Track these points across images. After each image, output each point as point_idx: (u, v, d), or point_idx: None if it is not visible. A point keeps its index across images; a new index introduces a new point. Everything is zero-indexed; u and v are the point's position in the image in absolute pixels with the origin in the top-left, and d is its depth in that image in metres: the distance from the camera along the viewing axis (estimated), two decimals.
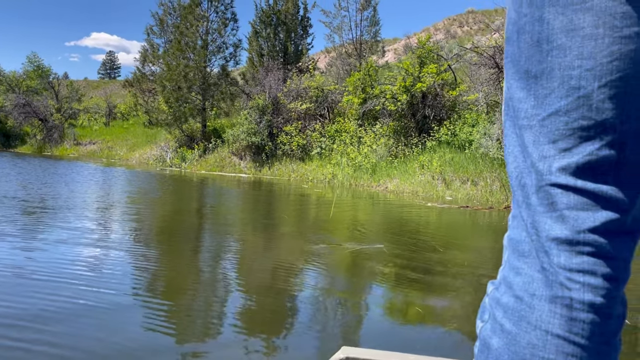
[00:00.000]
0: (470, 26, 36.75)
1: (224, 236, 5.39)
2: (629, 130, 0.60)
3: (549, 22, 0.62)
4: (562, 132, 0.62)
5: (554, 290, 0.62)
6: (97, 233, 5.08)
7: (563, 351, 0.61)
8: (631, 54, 0.59)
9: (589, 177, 0.61)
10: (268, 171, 17.31)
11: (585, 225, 0.61)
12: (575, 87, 0.61)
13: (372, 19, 21.87)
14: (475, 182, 11.47)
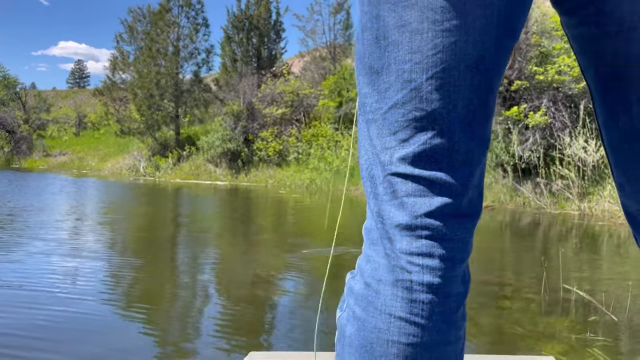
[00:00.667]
0: None
1: (200, 245, 5.19)
2: (457, 119, 0.63)
3: (384, 19, 0.65)
4: (400, 124, 0.64)
5: (395, 274, 0.64)
6: (72, 244, 4.87)
7: (405, 332, 0.63)
8: (452, 46, 0.61)
9: (424, 165, 0.63)
10: (245, 178, 17.06)
11: (422, 210, 0.63)
12: (408, 80, 0.63)
13: (345, 22, 21.85)
14: None
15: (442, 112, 0.63)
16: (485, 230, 6.72)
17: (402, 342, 0.64)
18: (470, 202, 0.66)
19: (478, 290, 3.30)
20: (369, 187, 0.69)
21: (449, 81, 0.62)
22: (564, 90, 9.98)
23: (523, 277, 3.69)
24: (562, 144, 9.25)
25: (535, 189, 9.69)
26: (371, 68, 0.67)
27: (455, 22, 0.61)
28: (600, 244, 5.57)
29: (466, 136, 0.64)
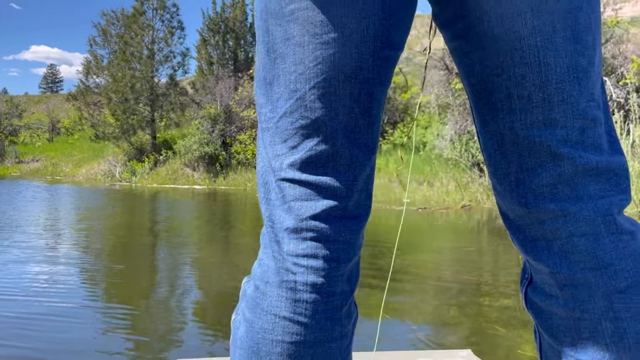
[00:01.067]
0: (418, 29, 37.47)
1: (178, 250, 5.12)
2: (339, 126, 0.67)
3: (272, 33, 0.69)
4: (289, 132, 0.68)
5: (281, 276, 0.67)
6: (48, 252, 4.76)
7: (289, 331, 0.66)
8: (331, 58, 0.66)
9: (311, 170, 0.67)
10: (223, 181, 16.94)
11: (307, 213, 0.67)
12: (294, 90, 0.67)
13: None
14: (431, 183, 11.55)
15: (325, 119, 0.67)
16: (464, 230, 6.79)
17: (285, 341, 0.67)
18: (357, 204, 0.70)
19: (458, 289, 3.33)
20: (262, 193, 0.73)
21: (329, 90, 0.66)
22: None
23: (502, 276, 3.73)
24: None
25: None
26: (265, 79, 0.71)
27: (333, 35, 0.65)
28: None
29: (349, 142, 0.68)
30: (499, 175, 0.72)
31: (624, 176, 0.70)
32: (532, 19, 0.65)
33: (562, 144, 0.67)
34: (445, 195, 10.78)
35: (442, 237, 6.15)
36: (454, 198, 10.45)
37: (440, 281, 3.65)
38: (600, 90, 0.70)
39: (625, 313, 0.66)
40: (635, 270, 0.67)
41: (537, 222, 0.70)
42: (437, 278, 3.76)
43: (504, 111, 0.69)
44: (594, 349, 0.67)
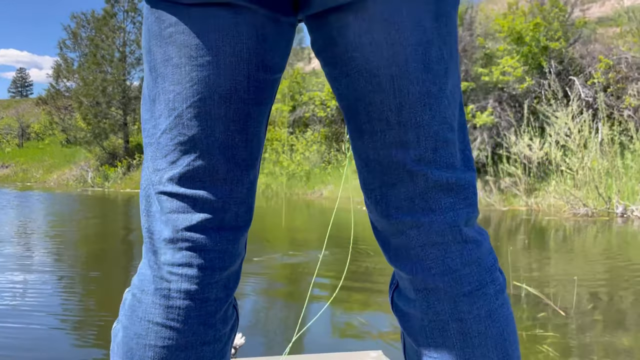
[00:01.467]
0: None
1: None
2: (215, 143, 0.72)
3: (154, 53, 0.74)
4: (169, 148, 0.72)
5: (156, 284, 0.71)
6: (21, 259, 4.63)
7: (161, 336, 0.70)
8: (206, 79, 0.71)
9: (188, 184, 0.72)
10: None
11: (183, 224, 0.71)
12: (172, 108, 0.72)
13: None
14: None
15: (202, 137, 0.72)
16: None
17: (158, 345, 0.71)
18: (236, 216, 0.75)
19: None
20: (144, 205, 0.77)
21: (205, 110, 0.71)
22: (509, 90, 10.33)
23: None
24: (508, 143, 9.56)
25: (485, 187, 9.97)
26: (149, 97, 0.75)
27: (208, 58, 0.71)
28: (547, 238, 5.78)
29: (225, 158, 0.73)
30: (367, 190, 0.78)
31: (473, 192, 0.77)
32: (388, 50, 0.71)
33: (416, 162, 0.73)
34: None
35: None
36: None
37: None
38: (455, 113, 0.76)
39: (469, 315, 0.73)
40: (479, 275, 0.74)
41: (397, 232, 0.76)
42: None
43: (367, 132, 0.75)
44: (444, 348, 0.73)
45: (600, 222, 6.90)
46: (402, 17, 0.71)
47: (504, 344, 0.73)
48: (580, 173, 8.17)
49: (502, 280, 0.78)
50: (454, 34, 0.77)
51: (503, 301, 0.76)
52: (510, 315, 0.76)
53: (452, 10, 0.76)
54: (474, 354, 0.72)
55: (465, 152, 0.78)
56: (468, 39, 10.86)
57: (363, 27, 0.71)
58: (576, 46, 10.91)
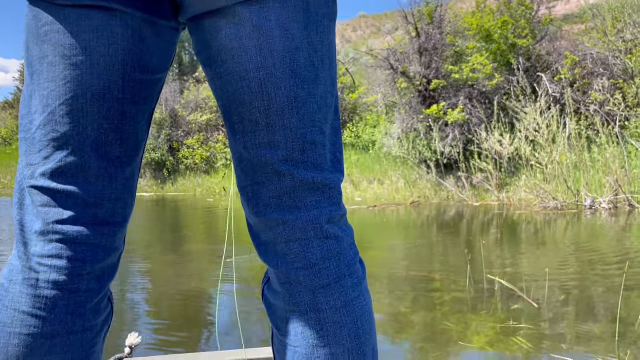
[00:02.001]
0: (363, 30, 37.88)
1: (127, 259, 4.95)
2: (88, 141, 0.74)
3: (31, 50, 0.76)
4: (43, 143, 0.74)
5: (24, 274, 0.74)
6: None
7: (27, 324, 0.72)
8: (79, 78, 0.73)
9: (60, 179, 0.74)
10: (172, 188, 16.57)
11: (54, 218, 0.74)
12: (46, 105, 0.74)
13: None
14: (381, 181, 11.71)
15: (73, 134, 0.74)
16: (413, 226, 6.92)
17: (23, 333, 0.73)
18: (112, 212, 0.78)
19: (408, 286, 3.37)
20: (17, 198, 0.79)
21: (77, 107, 0.74)
22: (479, 87, 10.48)
23: (450, 271, 3.82)
24: (479, 139, 9.70)
25: (458, 183, 10.10)
26: (27, 92, 0.77)
27: (82, 57, 0.73)
28: (519, 232, 5.89)
29: (98, 155, 0.76)
30: (241, 188, 0.83)
31: (338, 192, 0.82)
32: (256, 55, 0.75)
33: (283, 162, 0.77)
34: (396, 193, 10.95)
35: (393, 234, 6.24)
36: (404, 195, 10.63)
37: (392, 277, 3.69)
38: (328, 118, 0.81)
39: (326, 305, 0.78)
40: (338, 269, 0.79)
41: (266, 228, 0.81)
42: (389, 275, 3.80)
43: (239, 132, 0.79)
44: (304, 337, 0.78)
45: (570, 215, 7.06)
46: (270, 25, 0.74)
47: (358, 332, 0.78)
48: (550, 167, 8.35)
49: (361, 273, 0.84)
50: (327, 42, 0.80)
51: (360, 293, 0.81)
52: (367, 306, 0.82)
53: (325, 20, 0.79)
54: (329, 342, 0.77)
55: (337, 154, 0.83)
56: (438, 37, 10.98)
57: (233, 32, 0.75)
58: (543, 43, 11.14)
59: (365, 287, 0.84)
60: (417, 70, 10.87)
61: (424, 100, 10.96)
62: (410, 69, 11.02)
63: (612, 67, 9.71)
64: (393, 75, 11.40)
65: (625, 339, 2.21)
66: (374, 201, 10.35)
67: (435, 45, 10.92)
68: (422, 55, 10.98)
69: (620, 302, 2.65)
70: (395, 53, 11.37)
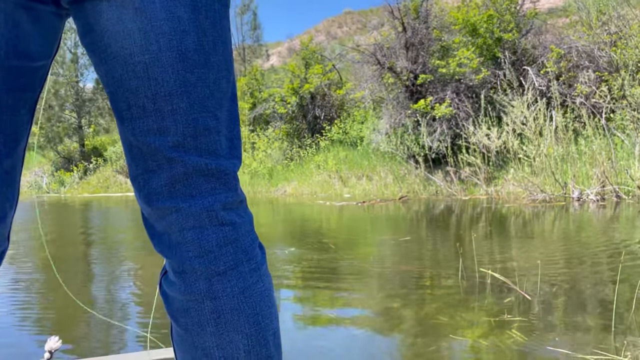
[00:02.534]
0: (349, 26, 37.89)
1: (115, 259, 4.87)
2: None
3: None
4: None
5: None
6: None
7: None
8: None
9: None
10: None
11: None
12: None
13: (252, 22, 21.68)
14: (370, 177, 11.69)
15: None
16: (402, 221, 6.90)
17: None
18: None
19: (399, 281, 3.34)
20: None
21: None
22: (465, 81, 10.50)
23: (441, 265, 3.79)
24: (467, 133, 9.71)
25: (446, 178, 10.11)
26: None
27: None
28: (508, 225, 5.89)
29: None
30: (132, 177, 0.81)
31: (234, 177, 0.81)
32: (140, 39, 0.72)
33: (173, 149, 0.75)
34: (384, 188, 10.94)
35: (382, 230, 6.21)
36: (392, 190, 10.62)
37: (382, 273, 3.66)
38: (223, 103, 0.80)
39: (223, 292, 0.77)
40: (235, 255, 0.78)
41: (159, 218, 0.79)
42: (380, 270, 3.77)
43: (127, 119, 0.77)
44: (199, 325, 0.77)
45: (558, 207, 7.09)
46: (154, 7, 0.71)
47: (257, 318, 0.78)
48: (537, 160, 8.39)
49: (259, 258, 0.83)
50: (219, 26, 0.78)
51: (258, 278, 0.81)
52: (267, 291, 0.81)
53: (217, 3, 0.77)
54: (226, 329, 0.76)
55: (234, 140, 0.82)
56: (424, 32, 10.97)
57: (115, 14, 0.72)
58: (528, 37, 11.18)
59: (264, 271, 0.83)
60: (403, 65, 10.86)
61: (411, 95, 10.96)
62: (397, 64, 11.00)
63: (598, 60, 9.77)
64: (380, 71, 11.38)
65: (619, 329, 2.20)
66: (362, 197, 10.33)
67: (421, 39, 10.91)
68: (408, 50, 10.97)
69: (616, 291, 2.65)
70: (381, 48, 11.34)
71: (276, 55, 34.77)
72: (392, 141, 10.88)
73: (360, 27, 38.02)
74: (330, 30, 37.89)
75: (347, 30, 38.36)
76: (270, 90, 15.45)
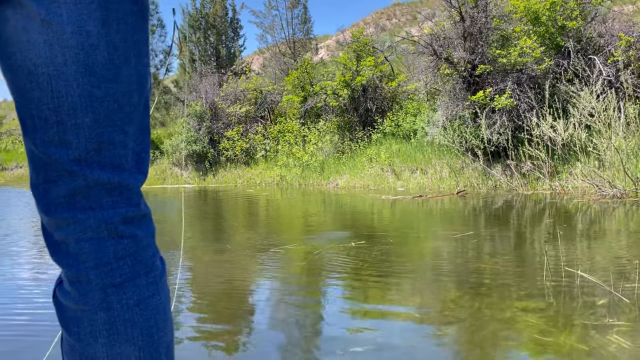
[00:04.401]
0: (398, 18, 37.29)
1: (170, 250, 4.94)
2: None
3: None
4: None
5: None
6: (36, 257, 4.55)
7: None
8: None
9: None
10: (213, 179, 16.72)
11: None
12: None
13: (303, 16, 21.66)
14: (424, 170, 11.47)
15: None
16: (465, 216, 6.69)
17: None
18: None
19: (476, 279, 3.21)
20: None
21: None
22: (527, 71, 10.09)
23: (519, 264, 3.63)
24: (530, 125, 9.34)
25: (505, 171, 9.78)
26: None
27: None
28: (580, 221, 5.62)
29: None
30: (32, 186, 0.80)
31: (137, 192, 0.81)
32: (45, 50, 0.71)
33: (75, 162, 0.75)
34: (440, 182, 10.70)
35: (446, 225, 6.05)
36: (449, 184, 10.37)
37: (457, 271, 3.54)
38: (133, 117, 0.79)
39: (117, 304, 0.78)
40: (133, 268, 0.79)
41: (57, 228, 0.79)
42: (451, 268, 3.64)
43: (30, 128, 0.76)
44: (91, 335, 0.77)
45: (630, 203, 6.72)
46: (61, 20, 0.70)
47: (151, 330, 0.79)
48: (608, 154, 7.97)
49: (159, 271, 0.83)
50: (131, 40, 0.77)
51: (155, 291, 0.81)
52: (162, 304, 0.82)
53: (130, 17, 0.76)
54: (118, 340, 0.77)
55: (141, 154, 0.82)
56: (483, 21, 10.62)
57: (21, 23, 0.71)
58: (593, 24, 10.63)
59: (162, 285, 0.84)
60: (461, 56, 10.56)
61: (469, 86, 10.65)
62: (454, 54, 10.70)
63: None
64: (436, 62, 11.11)
65: None
66: (417, 191, 10.14)
67: (480, 29, 10.57)
68: (466, 40, 10.65)
69: None
70: (438, 38, 11.06)
71: (324, 49, 34.69)
72: (448, 134, 10.62)
73: (410, 18, 37.35)
74: (379, 23, 37.44)
75: (396, 22, 37.80)
76: (322, 83, 15.39)
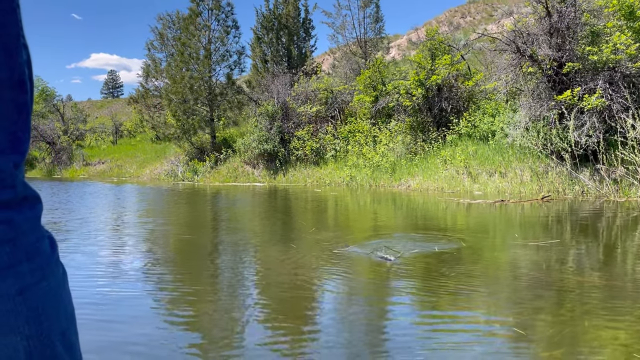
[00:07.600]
0: (473, 16, 36.13)
1: (241, 247, 4.93)
2: None
3: None
4: None
5: None
6: (117, 248, 4.68)
7: None
8: None
9: None
10: (283, 178, 16.86)
11: None
12: None
13: (375, 15, 21.43)
14: (503, 173, 10.93)
15: None
16: (557, 224, 6.24)
17: None
18: None
19: (583, 294, 2.92)
20: None
21: None
22: (621, 69, 9.36)
23: (625, 277, 3.28)
24: (624, 127, 8.64)
25: (594, 176, 9.11)
26: None
27: None
28: None
29: None
30: None
31: (10, 174, 0.77)
32: None
33: None
34: (521, 186, 10.15)
35: (539, 234, 5.66)
36: (531, 189, 9.81)
37: (561, 285, 3.24)
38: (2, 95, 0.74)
39: None
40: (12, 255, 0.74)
41: None
42: (557, 281, 3.35)
43: None
44: None
45: None
46: None
47: (39, 318, 0.76)
48: None
49: (46, 256, 0.79)
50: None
51: (41, 277, 0.77)
52: (53, 290, 0.78)
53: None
54: (2, 332, 0.73)
55: (17, 133, 0.77)
56: (572, 16, 9.96)
57: None
58: None
59: (52, 269, 0.80)
60: (546, 53, 9.95)
61: (554, 85, 10.02)
62: (538, 51, 10.11)
63: None
64: (519, 59, 10.55)
65: None
66: (495, 195, 9.66)
67: (568, 24, 9.92)
68: (552, 36, 10.03)
69: None
70: (521, 35, 10.50)
71: (395, 49, 34.23)
72: (531, 135, 10.04)
73: (485, 16, 36.11)
74: (453, 21, 36.45)
75: (470, 20, 36.66)
76: (395, 82, 15.10)
